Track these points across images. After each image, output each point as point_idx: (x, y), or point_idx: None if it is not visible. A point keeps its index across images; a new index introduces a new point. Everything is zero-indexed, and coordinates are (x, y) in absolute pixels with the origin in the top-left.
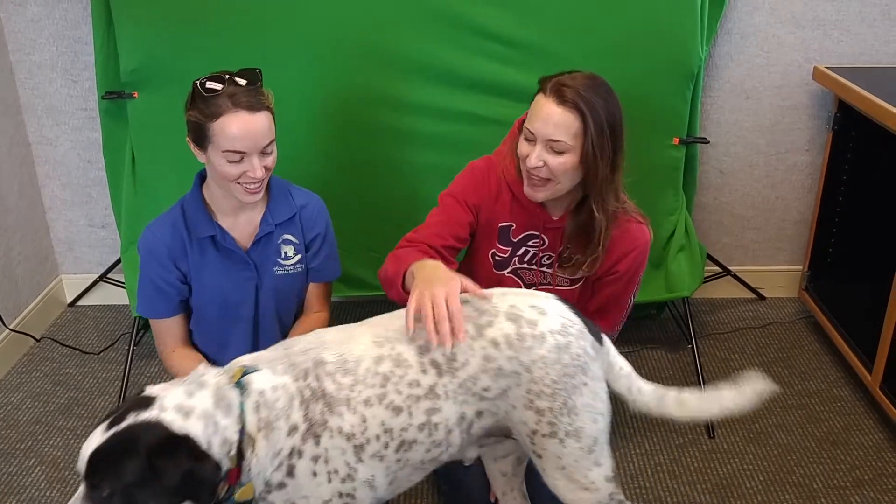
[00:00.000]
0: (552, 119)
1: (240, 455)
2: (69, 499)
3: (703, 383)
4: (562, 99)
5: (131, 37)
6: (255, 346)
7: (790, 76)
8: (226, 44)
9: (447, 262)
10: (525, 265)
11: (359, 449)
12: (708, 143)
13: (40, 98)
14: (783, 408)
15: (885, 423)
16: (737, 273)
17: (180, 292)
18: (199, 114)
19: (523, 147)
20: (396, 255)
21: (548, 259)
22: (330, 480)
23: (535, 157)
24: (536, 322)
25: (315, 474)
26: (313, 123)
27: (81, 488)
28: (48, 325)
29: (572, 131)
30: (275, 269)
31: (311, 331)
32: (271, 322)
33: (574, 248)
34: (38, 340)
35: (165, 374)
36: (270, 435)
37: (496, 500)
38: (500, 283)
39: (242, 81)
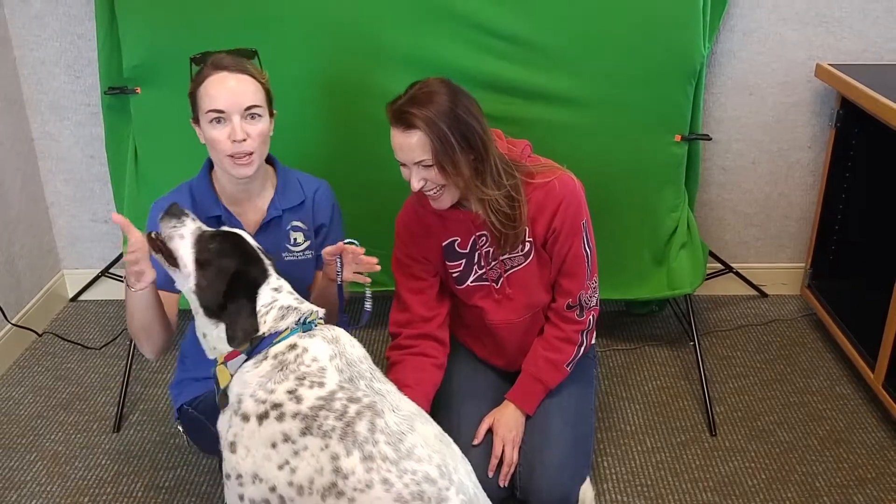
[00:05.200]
0: (404, 146)
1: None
2: (70, 493)
3: (705, 381)
4: (402, 123)
5: (134, 32)
6: None
7: (793, 73)
8: (228, 39)
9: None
10: (484, 268)
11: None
12: (710, 139)
13: (43, 94)
14: (785, 405)
15: (888, 422)
16: (739, 270)
17: None
18: (192, 85)
19: (404, 174)
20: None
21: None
22: (280, 468)
23: (415, 181)
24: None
25: (273, 445)
26: (313, 118)
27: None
28: (50, 320)
29: (426, 147)
30: (284, 255)
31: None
32: None
33: (504, 225)
34: (39, 335)
35: (169, 371)
36: (275, 373)
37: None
38: (469, 295)
39: (230, 54)
